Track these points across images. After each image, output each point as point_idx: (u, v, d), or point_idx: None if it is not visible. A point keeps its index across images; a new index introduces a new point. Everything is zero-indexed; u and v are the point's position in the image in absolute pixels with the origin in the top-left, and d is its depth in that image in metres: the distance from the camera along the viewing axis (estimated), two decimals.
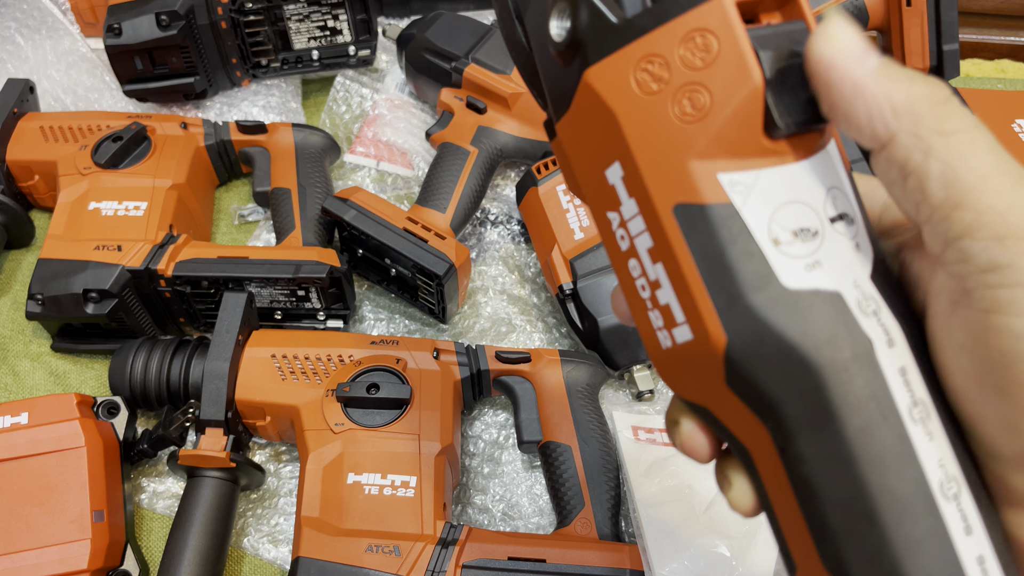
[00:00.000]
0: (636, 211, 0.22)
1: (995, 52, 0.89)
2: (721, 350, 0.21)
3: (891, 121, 0.19)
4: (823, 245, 0.21)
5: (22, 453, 0.49)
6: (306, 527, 0.48)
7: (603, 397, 0.59)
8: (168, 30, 0.66)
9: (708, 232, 0.20)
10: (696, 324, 0.21)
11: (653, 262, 0.22)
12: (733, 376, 0.21)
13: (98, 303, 0.57)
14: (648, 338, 0.24)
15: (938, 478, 0.20)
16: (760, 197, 0.20)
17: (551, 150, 0.67)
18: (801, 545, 0.21)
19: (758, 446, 0.22)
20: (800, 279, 0.20)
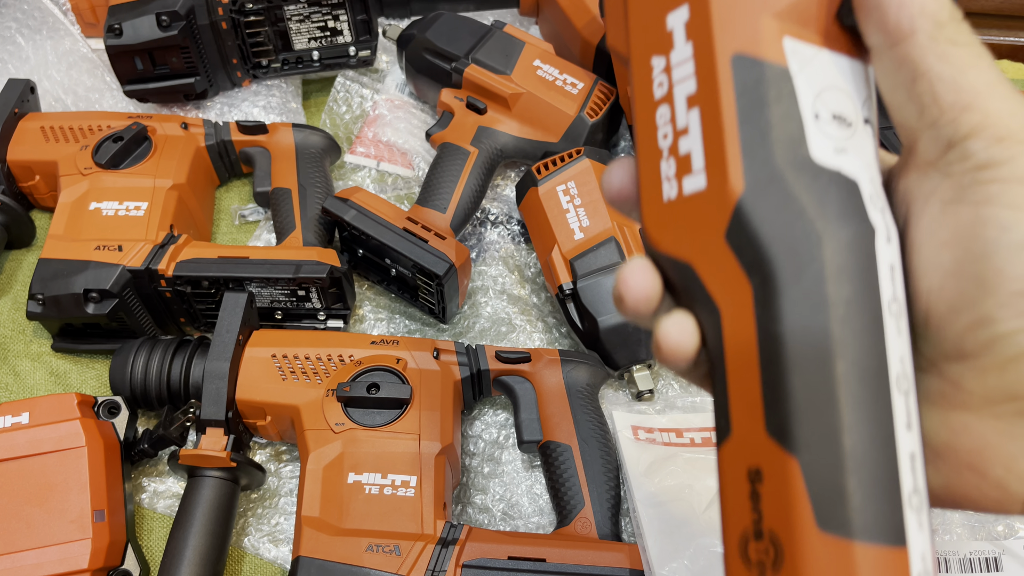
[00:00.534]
0: (689, 55, 0.23)
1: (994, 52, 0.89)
2: (734, 200, 0.22)
3: (916, 18, 0.20)
4: (854, 136, 0.22)
5: (23, 453, 0.49)
6: (306, 527, 0.48)
7: (603, 397, 0.59)
8: (168, 30, 0.66)
9: (758, 86, 0.21)
10: (716, 172, 0.22)
11: (689, 107, 0.23)
12: (736, 228, 0.22)
13: (99, 303, 0.57)
14: (649, 189, 0.24)
15: (896, 371, 0.21)
16: (814, 72, 0.22)
17: (551, 150, 0.67)
18: (746, 409, 0.22)
19: (733, 304, 0.22)
20: (828, 157, 0.22)
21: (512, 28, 0.71)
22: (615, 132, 0.72)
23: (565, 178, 0.62)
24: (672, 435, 0.55)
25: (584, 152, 0.62)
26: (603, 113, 0.67)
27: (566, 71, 0.68)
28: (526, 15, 0.78)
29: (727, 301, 0.22)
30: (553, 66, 0.68)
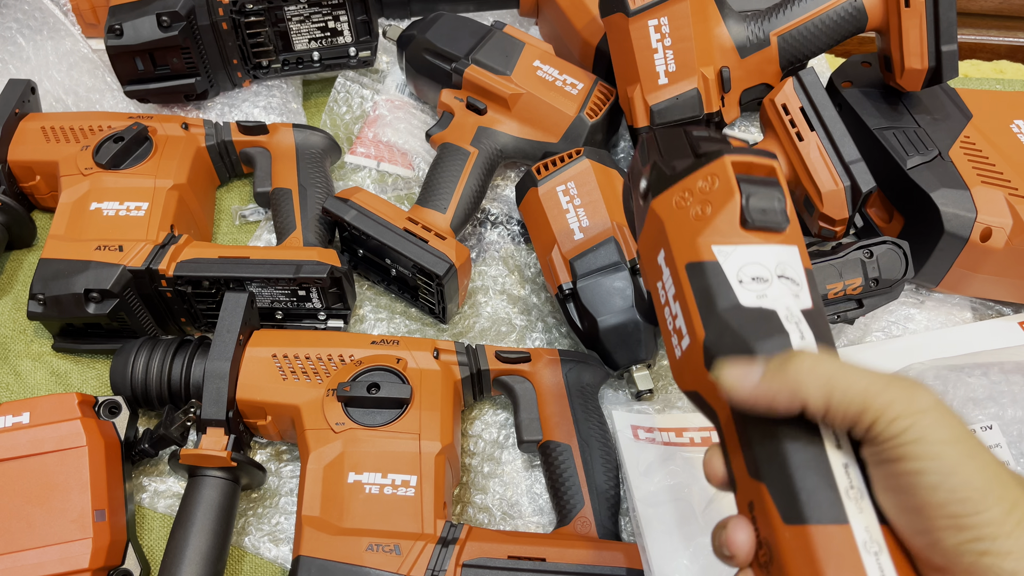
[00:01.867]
0: (669, 274, 0.36)
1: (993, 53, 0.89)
2: (701, 343, 0.33)
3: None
4: (770, 287, 0.33)
5: (24, 452, 0.49)
6: (307, 526, 0.48)
7: (603, 397, 0.60)
8: (169, 31, 0.66)
9: (702, 277, 0.34)
10: (691, 331, 0.34)
11: (674, 302, 0.36)
12: (708, 360, 0.33)
13: (99, 303, 0.57)
14: (671, 356, 0.37)
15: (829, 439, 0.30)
16: (734, 259, 0.34)
17: (551, 150, 0.67)
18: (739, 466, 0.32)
19: (722, 408, 0.33)
20: (752, 302, 0.33)
21: (512, 29, 0.71)
22: (615, 132, 0.72)
23: (565, 178, 0.62)
24: (672, 435, 0.55)
25: (584, 152, 0.62)
26: (603, 113, 0.67)
27: (566, 72, 0.68)
28: (526, 16, 0.78)
29: (719, 406, 0.33)
30: (553, 67, 0.68)
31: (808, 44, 0.64)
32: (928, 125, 0.64)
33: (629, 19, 0.60)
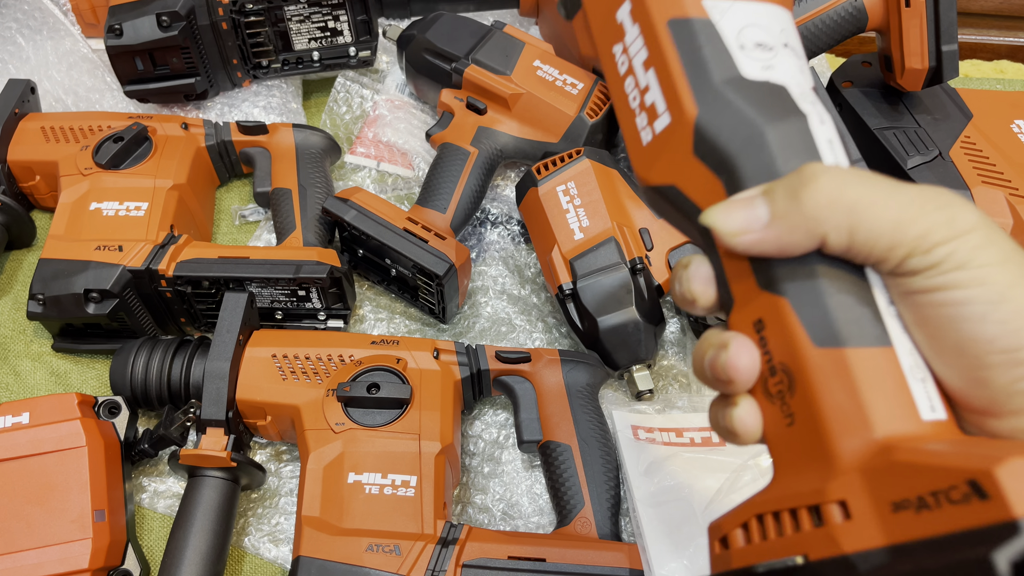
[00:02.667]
0: (637, 33, 0.29)
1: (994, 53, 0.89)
2: (692, 121, 0.27)
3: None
4: (775, 56, 0.27)
5: (23, 453, 0.49)
6: (307, 526, 0.48)
7: (603, 397, 0.60)
8: (169, 31, 0.66)
9: (691, 37, 0.27)
10: (675, 107, 0.27)
11: (645, 70, 0.29)
12: (699, 142, 0.27)
13: (99, 303, 0.57)
14: (632, 142, 0.30)
15: None
16: (732, 17, 0.27)
17: (551, 150, 0.67)
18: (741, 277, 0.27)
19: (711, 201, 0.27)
20: (757, 74, 0.27)
21: (512, 28, 0.71)
22: (615, 132, 0.72)
23: (565, 178, 0.62)
24: (672, 435, 0.55)
25: (584, 152, 0.62)
26: (603, 113, 0.67)
27: (566, 71, 0.68)
28: (526, 15, 0.78)
29: (707, 200, 0.27)
30: (553, 66, 0.68)
31: (808, 44, 0.64)
32: (928, 125, 0.64)
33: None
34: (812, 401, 0.24)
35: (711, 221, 0.26)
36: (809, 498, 0.24)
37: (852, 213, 0.24)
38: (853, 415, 0.24)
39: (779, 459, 0.26)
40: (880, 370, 0.24)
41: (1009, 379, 0.23)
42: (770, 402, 0.26)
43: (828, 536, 0.23)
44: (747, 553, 0.25)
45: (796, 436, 0.25)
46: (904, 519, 0.21)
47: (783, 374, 0.25)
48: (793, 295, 0.25)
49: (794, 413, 0.25)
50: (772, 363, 0.26)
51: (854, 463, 0.23)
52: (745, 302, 0.27)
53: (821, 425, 0.24)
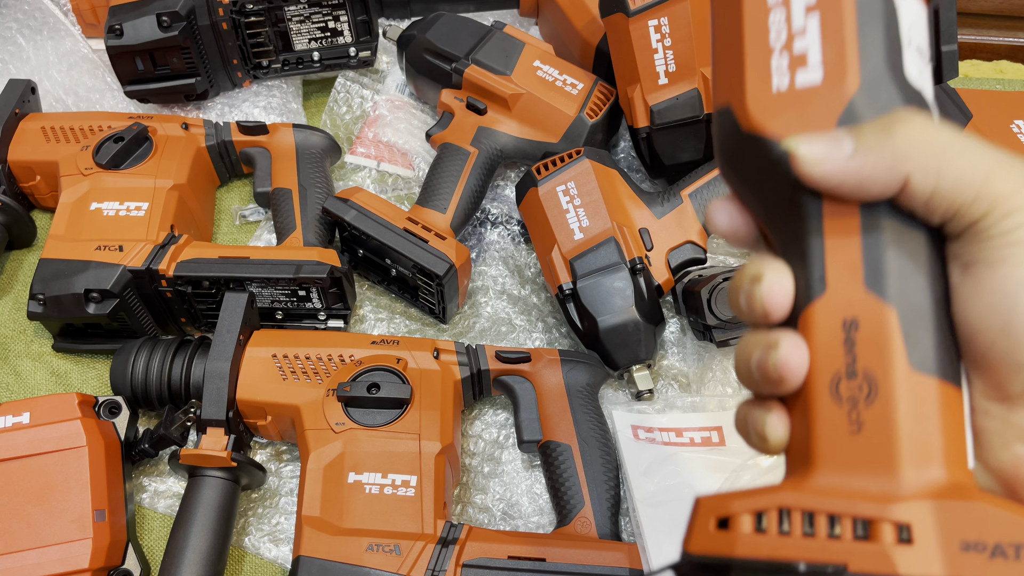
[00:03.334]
0: None
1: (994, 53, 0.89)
2: (849, 95, 0.25)
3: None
4: (926, 70, 0.27)
5: (24, 453, 0.49)
6: (307, 526, 0.48)
7: (603, 397, 0.60)
8: (169, 31, 0.66)
9: (875, 6, 0.25)
10: (833, 69, 0.25)
11: (807, 13, 0.26)
12: (847, 118, 0.25)
13: (99, 303, 0.57)
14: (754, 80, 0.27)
15: None
16: (907, 7, 0.26)
17: (551, 150, 0.67)
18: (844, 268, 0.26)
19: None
20: (915, 79, 0.26)
21: (512, 29, 0.71)
22: (615, 132, 0.72)
23: (565, 178, 0.62)
24: (672, 435, 0.55)
25: (584, 152, 0.62)
26: (603, 113, 0.67)
27: (566, 72, 0.68)
28: (526, 16, 0.78)
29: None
30: (553, 67, 0.68)
31: None
32: None
33: (629, 19, 0.60)
34: (894, 418, 0.24)
35: (792, 144, 0.24)
36: (860, 509, 0.23)
37: (942, 156, 0.23)
38: (931, 446, 0.24)
39: (824, 461, 0.25)
40: (957, 410, 0.25)
41: None
42: (837, 405, 0.25)
43: (879, 553, 0.22)
44: (759, 544, 0.24)
45: (858, 445, 0.24)
46: (973, 561, 0.21)
47: (865, 382, 0.24)
48: (902, 308, 0.24)
49: (864, 422, 0.24)
50: (855, 367, 0.25)
51: (921, 492, 0.23)
52: (841, 296, 0.25)
53: (896, 444, 0.24)
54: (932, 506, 0.22)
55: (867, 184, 0.24)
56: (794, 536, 0.24)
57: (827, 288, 0.25)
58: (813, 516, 0.24)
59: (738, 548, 0.24)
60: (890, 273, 0.24)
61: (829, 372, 0.25)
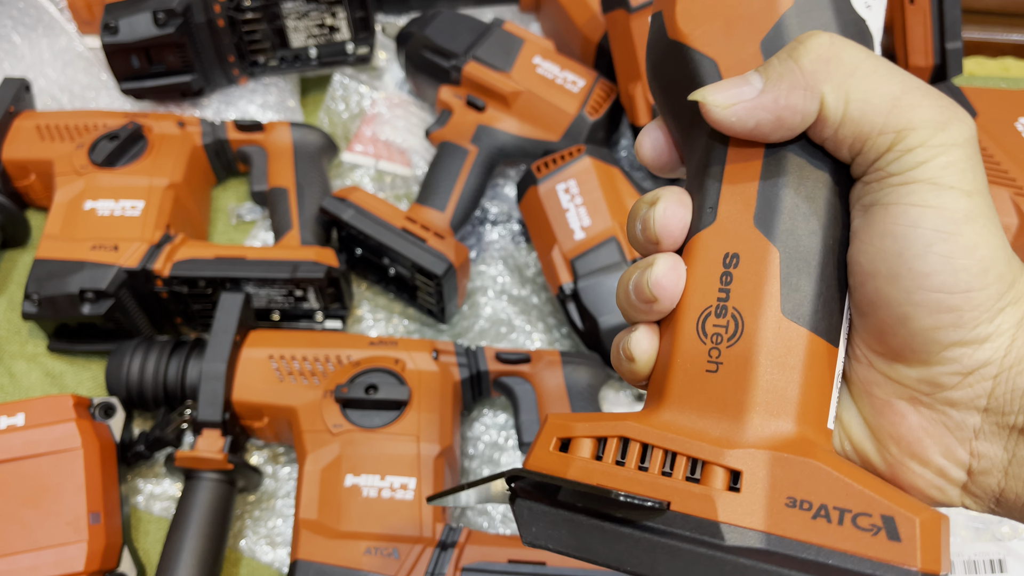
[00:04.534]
0: None
1: (998, 50, 0.88)
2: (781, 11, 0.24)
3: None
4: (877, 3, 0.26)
5: (18, 455, 0.48)
6: (304, 529, 0.47)
7: (603, 398, 0.59)
8: (165, 28, 0.65)
9: None
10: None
11: None
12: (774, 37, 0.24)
13: (94, 303, 0.56)
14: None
15: None
16: None
17: (551, 149, 0.66)
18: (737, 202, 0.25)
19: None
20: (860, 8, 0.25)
21: (512, 25, 0.70)
22: (616, 130, 0.71)
23: (565, 176, 0.61)
24: None
25: (585, 150, 0.62)
26: (604, 111, 0.67)
27: (567, 68, 0.68)
28: (526, 12, 0.77)
29: None
30: (553, 63, 0.68)
31: None
32: None
33: (631, 15, 0.59)
34: (753, 363, 0.23)
35: (699, 95, 0.23)
36: (696, 450, 0.23)
37: (852, 76, 0.22)
38: (785, 398, 0.23)
39: (675, 396, 0.24)
40: (824, 368, 0.23)
41: (931, 323, 0.21)
42: (700, 341, 0.24)
43: (704, 497, 0.22)
44: (591, 470, 0.24)
45: (712, 384, 0.23)
46: (795, 517, 0.21)
47: (732, 320, 0.23)
48: (786, 251, 0.23)
49: (723, 363, 0.23)
50: (726, 304, 0.24)
51: (763, 441, 0.22)
52: (728, 229, 0.24)
53: (748, 390, 0.23)
54: (767, 456, 0.22)
55: (786, 114, 0.22)
56: (628, 468, 0.24)
57: (717, 219, 0.24)
58: (651, 450, 0.23)
59: (570, 472, 0.24)
60: (781, 213, 0.23)
61: (700, 305, 0.24)
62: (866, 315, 0.23)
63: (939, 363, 0.22)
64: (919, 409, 0.23)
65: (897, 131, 0.21)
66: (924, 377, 0.22)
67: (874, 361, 0.24)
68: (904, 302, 0.22)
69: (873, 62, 0.22)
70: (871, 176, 0.22)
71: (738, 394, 0.23)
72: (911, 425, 0.23)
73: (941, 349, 0.22)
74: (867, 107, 0.22)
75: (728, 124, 0.23)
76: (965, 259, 0.21)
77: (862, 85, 0.22)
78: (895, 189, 0.22)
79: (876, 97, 0.22)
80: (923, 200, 0.21)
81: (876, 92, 0.22)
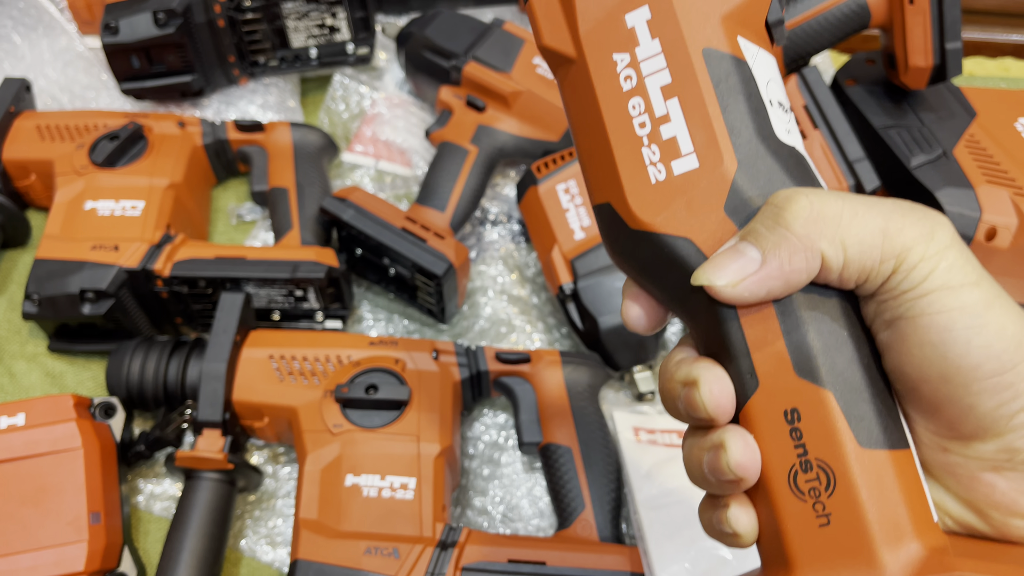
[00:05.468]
0: (658, 51, 0.25)
1: (998, 51, 0.88)
2: (731, 176, 0.25)
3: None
4: (791, 121, 0.26)
5: (18, 455, 0.48)
6: (304, 529, 0.47)
7: (603, 398, 0.59)
8: (165, 28, 0.65)
9: (729, 76, 0.25)
10: (708, 155, 0.25)
11: (666, 99, 0.25)
12: (734, 199, 0.25)
13: (95, 303, 0.56)
14: (631, 176, 0.26)
15: None
16: (761, 66, 0.25)
17: (551, 149, 0.66)
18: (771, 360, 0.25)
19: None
20: (784, 136, 0.25)
21: (512, 25, 0.70)
22: None
23: (565, 177, 0.61)
24: (673, 436, 0.55)
25: None
26: None
27: None
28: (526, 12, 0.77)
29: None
30: None
31: (811, 41, 0.64)
32: (932, 123, 0.64)
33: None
34: (859, 503, 0.23)
35: (704, 279, 0.24)
36: None
37: (839, 225, 0.23)
38: (900, 522, 0.23)
39: (802, 560, 0.24)
40: (912, 474, 0.24)
41: (995, 404, 0.23)
42: (800, 500, 0.24)
43: None
44: None
45: (831, 537, 0.24)
46: None
47: (820, 471, 0.24)
48: (838, 390, 0.24)
49: (831, 513, 0.24)
50: (807, 458, 0.24)
51: (901, 570, 0.23)
52: (775, 388, 0.24)
53: (868, 531, 0.23)
54: None
55: (793, 277, 0.24)
56: None
57: (760, 382, 0.25)
58: None
59: None
60: (817, 356, 0.24)
61: (784, 467, 0.24)
62: (929, 412, 0.25)
63: (1010, 431, 0.24)
64: (1004, 474, 0.24)
65: (896, 256, 0.23)
66: (1001, 447, 0.24)
67: (949, 446, 0.25)
68: (965, 395, 0.23)
69: (850, 205, 0.24)
70: (883, 296, 0.24)
71: (860, 539, 0.23)
72: (1003, 490, 0.25)
73: (1009, 420, 0.23)
74: (863, 247, 0.23)
75: (742, 299, 0.24)
76: (1001, 343, 0.23)
77: (852, 230, 0.23)
78: (915, 302, 0.23)
79: (867, 236, 0.23)
80: (945, 306, 0.23)
81: (865, 231, 0.23)
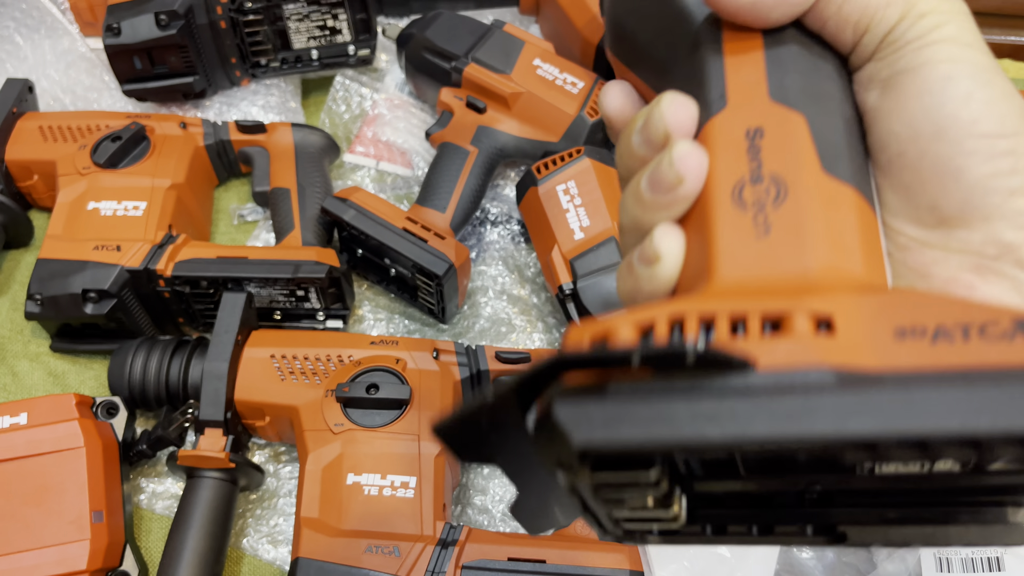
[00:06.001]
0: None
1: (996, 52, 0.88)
2: None
3: None
4: None
5: (21, 454, 0.49)
6: (305, 528, 0.48)
7: None
8: (167, 29, 0.65)
9: None
10: None
11: None
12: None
13: (97, 303, 0.57)
14: None
15: None
16: None
17: (551, 150, 0.67)
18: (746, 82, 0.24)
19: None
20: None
21: (512, 27, 0.70)
22: None
23: (565, 177, 0.61)
24: None
25: (584, 151, 0.62)
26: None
27: (566, 70, 0.68)
28: (526, 14, 0.78)
29: None
30: (553, 65, 0.68)
31: None
32: None
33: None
34: (808, 217, 0.21)
35: None
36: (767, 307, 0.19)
37: None
38: (848, 247, 0.21)
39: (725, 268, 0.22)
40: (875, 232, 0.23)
41: (988, 171, 0.20)
42: (740, 210, 0.22)
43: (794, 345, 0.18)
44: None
45: (765, 249, 0.22)
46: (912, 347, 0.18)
47: (773, 184, 0.22)
48: (812, 115, 0.23)
49: (772, 224, 0.22)
50: (760, 172, 0.22)
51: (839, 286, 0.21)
52: (743, 108, 0.23)
53: (809, 243, 0.21)
54: (853, 296, 0.19)
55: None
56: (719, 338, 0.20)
57: (728, 102, 0.23)
58: (713, 322, 0.20)
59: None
60: (797, 83, 0.23)
61: (731, 179, 0.22)
62: (911, 188, 0.22)
63: (1001, 218, 0.20)
64: (986, 278, 0.21)
65: (906, 3, 0.21)
66: (988, 238, 0.21)
67: (928, 239, 0.22)
68: (956, 154, 0.21)
69: None
70: (884, 52, 0.22)
71: (798, 250, 0.21)
72: (983, 298, 0.21)
73: (1003, 200, 0.20)
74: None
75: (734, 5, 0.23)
76: (1006, 104, 0.20)
77: None
78: (920, 51, 0.21)
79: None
80: (952, 56, 0.21)
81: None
